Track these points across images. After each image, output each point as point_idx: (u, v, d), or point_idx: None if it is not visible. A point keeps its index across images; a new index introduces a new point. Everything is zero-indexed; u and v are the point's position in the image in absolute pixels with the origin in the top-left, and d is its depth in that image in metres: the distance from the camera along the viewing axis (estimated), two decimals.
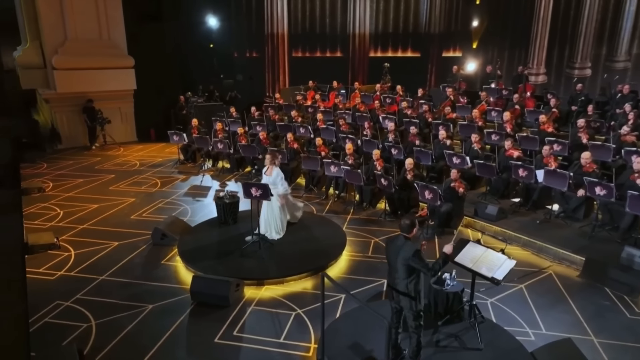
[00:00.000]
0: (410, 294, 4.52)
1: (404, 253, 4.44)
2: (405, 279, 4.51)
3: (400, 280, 4.55)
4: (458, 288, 5.66)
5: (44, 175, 12.07)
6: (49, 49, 14.16)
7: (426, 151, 10.07)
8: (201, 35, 17.16)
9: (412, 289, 4.51)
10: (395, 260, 4.56)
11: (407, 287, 4.51)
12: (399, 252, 4.50)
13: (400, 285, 4.56)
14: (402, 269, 4.49)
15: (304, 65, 18.53)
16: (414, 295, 4.52)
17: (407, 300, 4.55)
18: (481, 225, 8.57)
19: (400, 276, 4.53)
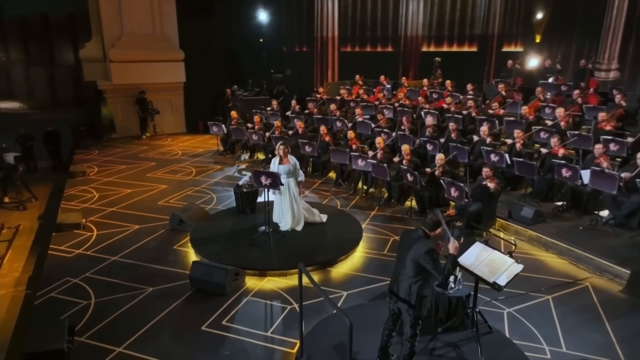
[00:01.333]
0: (412, 297, 4.06)
1: (417, 249, 3.99)
2: (411, 278, 4.06)
3: (404, 279, 4.11)
4: (463, 293, 5.11)
5: (93, 160, 12.74)
6: (107, 42, 14.94)
7: (462, 147, 9.38)
8: (251, 30, 17.36)
9: (415, 290, 4.05)
10: (405, 254, 4.11)
11: (410, 288, 4.06)
12: (412, 245, 4.05)
13: (403, 284, 4.11)
14: (410, 266, 4.05)
15: (353, 60, 18.18)
16: (415, 299, 4.06)
17: (403, 305, 4.12)
18: (515, 229, 7.80)
19: (407, 273, 4.09)
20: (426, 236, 4.09)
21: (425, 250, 3.93)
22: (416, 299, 4.06)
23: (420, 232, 4.11)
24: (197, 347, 5.03)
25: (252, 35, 17.37)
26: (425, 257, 3.92)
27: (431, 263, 3.92)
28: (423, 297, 4.10)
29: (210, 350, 4.97)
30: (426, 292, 4.11)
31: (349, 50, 18.59)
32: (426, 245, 3.98)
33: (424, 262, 3.93)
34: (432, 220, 4.11)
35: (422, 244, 4.01)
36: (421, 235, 4.08)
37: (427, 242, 4.05)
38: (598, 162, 7.77)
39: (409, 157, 9.03)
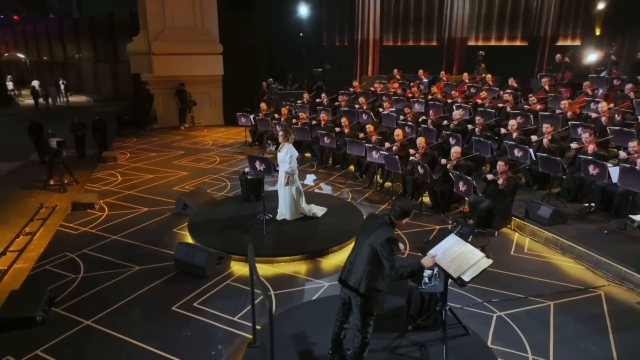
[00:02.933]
0: (361, 286, 3.72)
1: (377, 235, 3.67)
2: (364, 266, 3.73)
3: (358, 265, 3.78)
4: (438, 289, 4.68)
5: (128, 147, 13.28)
6: (151, 36, 15.53)
7: (485, 142, 8.75)
8: (291, 24, 17.37)
9: (366, 280, 3.71)
10: (364, 239, 3.80)
11: (362, 277, 3.72)
12: (374, 231, 3.74)
13: (355, 271, 3.79)
14: (367, 252, 3.73)
15: (395, 54, 17.69)
16: (365, 290, 3.72)
17: (354, 296, 3.81)
18: (531, 229, 7.13)
19: (361, 260, 3.76)
20: (391, 224, 3.76)
21: (385, 238, 3.61)
22: (366, 290, 3.73)
23: (387, 218, 3.80)
24: (161, 326, 4.99)
25: (292, 30, 17.39)
26: (384, 245, 3.60)
27: (388, 253, 3.60)
28: (376, 290, 3.75)
29: (172, 330, 4.91)
30: (380, 285, 3.76)
31: (390, 45, 18.09)
32: (388, 233, 3.66)
33: (381, 250, 3.61)
34: (401, 208, 3.79)
35: (385, 230, 3.70)
36: (386, 222, 3.77)
37: (390, 230, 3.74)
38: (634, 161, 6.93)
39: (424, 150, 8.55)
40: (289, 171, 6.98)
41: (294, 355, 4.33)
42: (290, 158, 7.02)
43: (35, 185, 11.45)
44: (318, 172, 10.60)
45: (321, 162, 11.00)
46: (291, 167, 6.98)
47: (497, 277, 5.97)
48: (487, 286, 5.73)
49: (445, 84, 13.72)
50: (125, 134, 15.02)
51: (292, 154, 7.09)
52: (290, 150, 7.12)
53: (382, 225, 3.73)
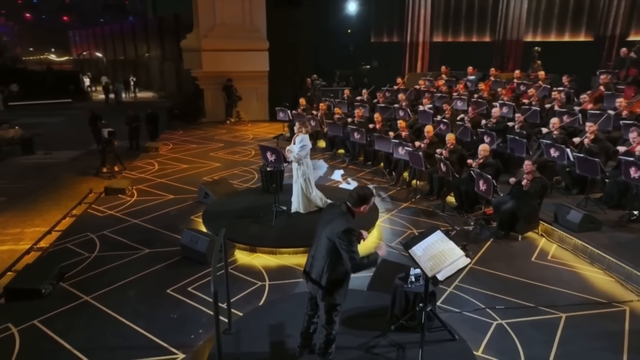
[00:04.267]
0: (322, 279, 3.57)
1: (334, 226, 3.47)
2: (324, 258, 3.56)
3: (319, 258, 3.62)
4: None
5: (173, 139, 13.83)
6: (202, 33, 16.07)
7: (520, 140, 8.16)
8: (339, 21, 17.26)
9: (327, 273, 3.54)
10: (322, 231, 3.63)
11: (322, 269, 3.57)
12: (330, 222, 3.55)
13: (317, 264, 3.63)
14: (325, 244, 3.55)
15: (445, 50, 17.03)
16: (326, 283, 3.56)
17: (316, 288, 3.64)
18: (559, 235, 6.53)
19: (321, 252, 3.61)
20: (350, 212, 3.56)
21: (342, 229, 3.40)
22: (327, 283, 3.56)
23: (344, 207, 3.58)
24: (152, 307, 5.10)
25: (339, 27, 17.28)
26: (341, 236, 3.39)
27: (346, 245, 3.38)
28: (337, 282, 3.57)
29: (161, 312, 5.00)
30: (341, 277, 3.57)
31: (440, 41, 17.44)
32: (346, 222, 3.44)
33: (339, 241, 3.41)
34: (358, 194, 3.57)
35: (342, 220, 3.48)
36: (344, 211, 3.56)
37: (348, 219, 3.51)
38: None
39: (452, 147, 8.12)
40: (295, 155, 6.90)
41: (265, 345, 4.25)
42: (302, 147, 6.95)
43: (89, 172, 12.25)
44: (348, 169, 10.42)
45: (353, 159, 10.81)
46: (297, 153, 6.89)
47: (509, 283, 5.53)
48: (495, 292, 5.32)
49: (494, 81, 13.00)
50: (173, 127, 15.67)
51: (304, 143, 7.01)
52: (304, 140, 7.04)
53: (339, 216, 3.53)
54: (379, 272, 5.48)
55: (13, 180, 12.66)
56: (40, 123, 21.32)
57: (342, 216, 3.50)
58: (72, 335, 4.58)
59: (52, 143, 16.64)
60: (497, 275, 5.71)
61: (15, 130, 16.20)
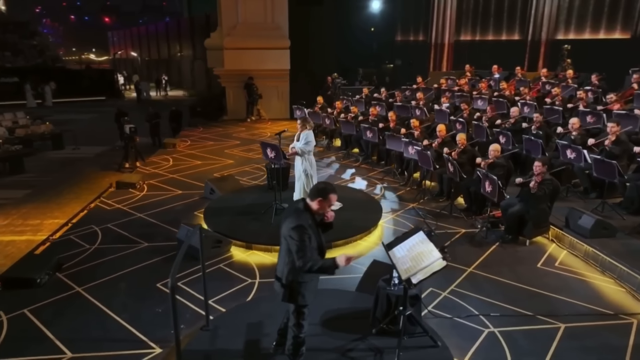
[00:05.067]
0: (283, 279, 3.45)
1: (287, 223, 3.35)
2: (283, 258, 3.46)
3: (280, 257, 3.52)
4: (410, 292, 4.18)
5: (192, 136, 14.00)
6: (225, 31, 16.22)
7: (535, 140, 7.78)
8: (362, 19, 17.05)
9: (286, 272, 3.42)
10: (281, 228, 3.50)
11: (283, 269, 3.45)
12: (286, 219, 3.43)
13: (279, 263, 3.53)
14: (283, 243, 3.45)
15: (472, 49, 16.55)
16: (286, 283, 3.43)
17: (279, 287, 3.52)
18: (570, 240, 6.16)
19: (281, 252, 3.51)
20: (307, 209, 3.42)
21: (292, 226, 3.26)
22: (287, 281, 3.43)
23: (301, 203, 3.45)
24: (139, 300, 5.11)
25: (363, 25, 17.07)
26: (291, 233, 3.26)
27: (296, 242, 3.22)
28: (298, 282, 3.42)
29: (146, 306, 5.00)
30: (302, 277, 3.41)
31: (468, 39, 16.95)
32: (298, 219, 3.30)
33: (290, 239, 3.28)
34: (316, 187, 3.43)
35: (295, 217, 3.33)
36: (300, 207, 3.41)
37: (303, 216, 3.35)
38: None
39: (463, 147, 7.82)
40: (298, 150, 6.81)
41: (240, 343, 4.16)
42: (306, 143, 6.85)
43: (112, 167, 12.54)
44: (360, 167, 10.26)
45: (366, 158, 10.63)
46: (301, 147, 6.80)
47: (509, 289, 5.25)
48: (492, 298, 5.06)
49: (518, 80, 12.52)
50: (194, 124, 15.87)
51: (308, 139, 6.92)
52: (308, 136, 6.95)
53: (293, 212, 3.38)
54: (370, 273, 5.32)
55: (40, 173, 13.12)
56: (73, 119, 22.08)
57: (296, 213, 3.36)
58: (57, 325, 4.64)
59: (81, 139, 17.18)
60: (497, 281, 5.44)
61: (47, 125, 16.82)
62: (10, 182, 12.24)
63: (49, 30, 77.54)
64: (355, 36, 17.12)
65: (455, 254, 6.09)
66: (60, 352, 4.25)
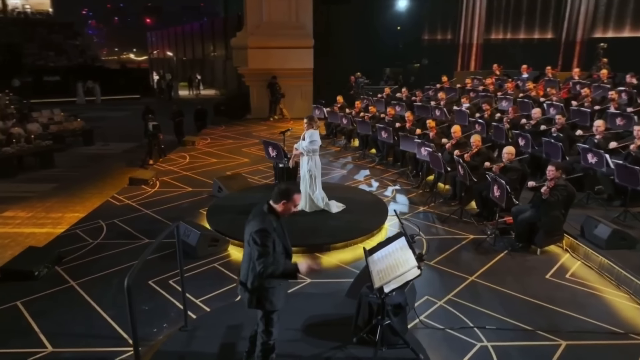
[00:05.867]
0: (249, 285, 3.29)
1: (250, 226, 3.23)
2: (246, 262, 3.32)
3: (244, 261, 3.37)
4: (392, 300, 3.96)
5: (213, 134, 14.12)
6: (249, 30, 16.29)
7: (555, 143, 7.34)
8: (388, 18, 16.73)
9: (251, 277, 3.26)
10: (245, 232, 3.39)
11: (247, 274, 3.29)
12: (249, 222, 3.31)
13: (243, 267, 3.38)
14: (246, 246, 3.31)
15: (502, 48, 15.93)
16: (251, 288, 3.27)
17: (243, 292, 3.37)
18: (585, 251, 5.74)
19: (244, 257, 3.36)
20: (272, 212, 3.26)
21: (255, 229, 3.13)
22: (253, 288, 3.28)
23: (265, 205, 3.30)
24: None
25: (389, 24, 16.76)
26: (254, 236, 3.13)
27: (258, 247, 3.09)
28: (265, 288, 3.27)
29: (136, 303, 4.92)
30: (270, 282, 3.25)
31: (499, 38, 16.33)
32: (261, 222, 3.17)
33: (252, 243, 3.14)
34: (279, 189, 3.28)
35: (258, 220, 3.20)
36: (264, 210, 3.27)
37: (267, 219, 3.21)
38: None
39: (477, 149, 7.48)
40: (304, 149, 6.68)
41: (215, 346, 4.06)
42: (311, 142, 6.72)
43: (137, 164, 12.78)
44: (375, 168, 10.02)
45: (382, 159, 10.38)
46: (306, 147, 6.67)
47: (511, 301, 4.93)
48: (491, 310, 4.76)
49: (547, 80, 11.94)
50: (217, 122, 16.01)
51: (313, 139, 6.79)
52: (313, 135, 6.82)
53: (257, 215, 3.25)
54: (362, 278, 5.10)
55: (68, 168, 13.56)
56: (106, 117, 22.82)
57: (260, 215, 3.23)
58: (45, 318, 4.67)
59: (111, 135, 17.70)
60: (499, 292, 5.12)
61: (78, 122, 17.38)
62: (40, 176, 12.70)
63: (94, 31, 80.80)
64: (381, 35, 16.82)
65: (458, 261, 5.81)
66: (42, 346, 4.27)
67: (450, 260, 5.82)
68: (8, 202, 10.37)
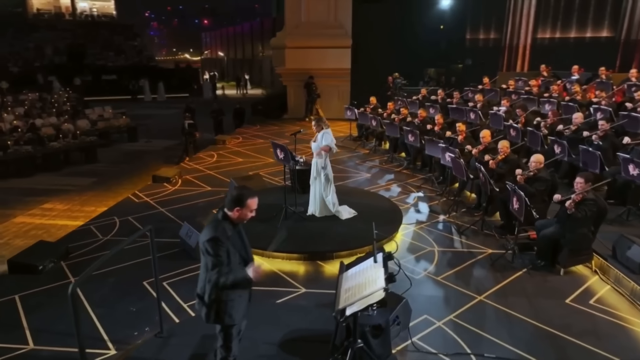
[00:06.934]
0: (206, 297, 3.08)
1: (202, 235, 3.02)
2: (203, 273, 3.10)
3: (201, 273, 3.15)
4: (371, 321, 3.64)
5: (246, 133, 14.17)
6: (288, 30, 16.22)
7: (593, 152, 6.63)
8: (430, 17, 16.10)
9: (207, 289, 3.04)
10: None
11: (204, 286, 3.08)
12: (203, 229, 3.11)
13: (200, 279, 3.15)
14: (202, 256, 3.10)
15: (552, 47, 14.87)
16: (208, 301, 3.07)
17: (200, 306, 3.16)
18: (616, 275, 5.10)
19: (201, 267, 3.14)
20: (226, 219, 3.04)
21: (206, 238, 2.93)
22: (209, 300, 3.07)
23: (221, 212, 3.08)
24: (119, 296, 5.06)
25: (431, 23, 16.12)
26: (205, 245, 2.93)
27: (211, 257, 2.90)
28: (223, 301, 3.06)
29: (123, 303, 4.93)
30: (228, 295, 3.04)
31: (547, 37, 15.26)
32: (214, 231, 2.95)
33: (205, 253, 2.95)
34: (231, 194, 3.05)
35: (211, 228, 2.99)
36: (218, 218, 3.05)
37: (221, 227, 2.99)
38: None
39: (504, 156, 6.91)
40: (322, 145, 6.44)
41: (185, 356, 3.89)
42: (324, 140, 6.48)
43: (173, 161, 13.07)
44: (401, 173, 9.59)
45: (410, 163, 9.92)
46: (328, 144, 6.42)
47: (519, 326, 4.45)
48: (495, 335, 4.31)
49: (599, 82, 10.96)
50: (253, 122, 16.06)
51: (326, 139, 6.53)
52: (326, 135, 6.56)
53: (210, 222, 3.03)
54: None
55: (110, 164, 14.09)
56: (153, 114, 23.61)
57: (213, 223, 3.01)
58: (35, 314, 4.71)
59: (155, 133, 18.25)
60: (509, 315, 4.63)
61: (124, 119, 18.06)
62: (83, 171, 13.26)
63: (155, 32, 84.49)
64: (423, 35, 16.21)
65: (469, 277, 5.35)
66: (24, 342, 4.29)
67: (460, 276, 5.37)
68: (50, 194, 10.87)
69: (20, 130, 14.10)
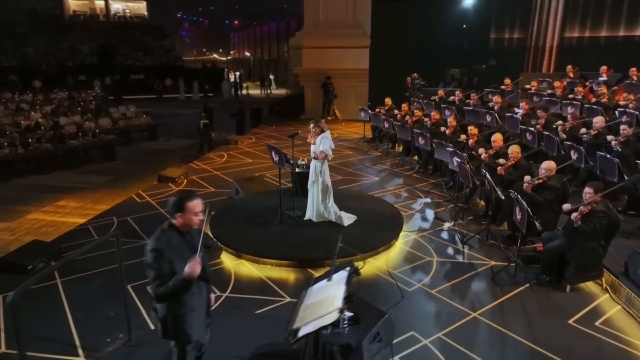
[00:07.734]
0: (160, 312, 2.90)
1: (147, 244, 2.83)
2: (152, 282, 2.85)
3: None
4: (342, 339, 3.39)
5: (260, 134, 14.06)
6: (306, 30, 16.05)
7: (611, 159, 6.16)
8: (453, 16, 15.60)
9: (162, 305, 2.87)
10: None
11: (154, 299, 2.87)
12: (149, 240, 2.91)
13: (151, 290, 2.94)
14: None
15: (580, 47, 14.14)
16: (162, 316, 2.90)
17: (156, 320, 2.98)
18: (627, 294, 4.66)
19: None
20: (172, 226, 2.85)
21: (149, 248, 2.76)
22: (164, 315, 2.90)
23: (167, 222, 2.88)
24: (100, 300, 4.97)
25: (453, 22, 15.62)
26: (147, 257, 2.75)
27: (151, 268, 2.73)
28: (176, 316, 2.88)
29: (104, 307, 4.83)
30: (180, 310, 2.85)
31: (576, 36, 14.52)
32: (156, 241, 2.77)
33: (145, 264, 2.76)
34: (172, 200, 2.85)
35: (154, 238, 2.80)
36: (164, 227, 2.85)
37: (164, 237, 2.79)
38: None
39: (514, 161, 6.51)
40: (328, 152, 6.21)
41: None
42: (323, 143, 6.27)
43: (189, 160, 13.09)
44: (411, 177, 9.25)
45: (421, 166, 9.57)
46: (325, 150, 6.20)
47: (513, 348, 4.11)
48: (485, 356, 4.00)
49: (628, 84, 10.31)
50: (269, 122, 15.96)
51: (324, 143, 6.31)
52: (325, 137, 6.34)
53: (155, 232, 2.83)
54: None
55: (128, 162, 14.24)
56: (174, 114, 23.85)
57: (157, 233, 2.82)
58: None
59: (174, 132, 18.40)
60: (503, 335, 4.29)
61: (144, 118, 18.28)
62: (101, 169, 13.44)
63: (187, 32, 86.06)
64: (444, 34, 15.72)
65: (465, 291, 5.01)
66: None
67: (455, 290, 5.03)
68: (65, 191, 11.03)
69: (43, 128, 14.43)
